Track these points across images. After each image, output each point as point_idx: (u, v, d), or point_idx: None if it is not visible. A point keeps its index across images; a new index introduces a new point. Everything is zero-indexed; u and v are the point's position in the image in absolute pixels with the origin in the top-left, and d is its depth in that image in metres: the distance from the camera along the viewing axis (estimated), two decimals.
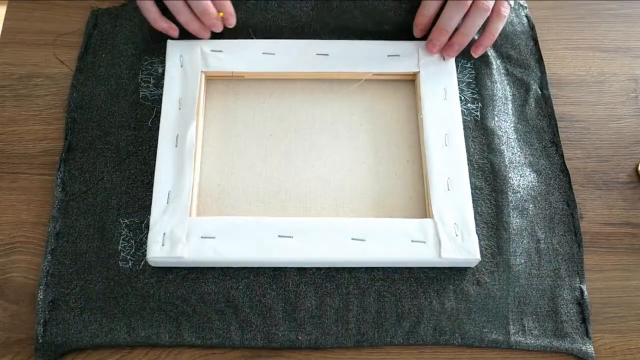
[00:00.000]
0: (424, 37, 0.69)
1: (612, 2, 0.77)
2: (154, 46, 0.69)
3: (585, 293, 0.60)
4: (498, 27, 0.67)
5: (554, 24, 0.75)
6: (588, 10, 0.76)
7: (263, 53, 0.67)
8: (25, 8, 0.72)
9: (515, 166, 0.65)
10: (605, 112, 0.70)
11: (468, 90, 0.68)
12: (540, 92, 0.70)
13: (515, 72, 0.70)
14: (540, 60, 0.71)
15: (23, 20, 0.72)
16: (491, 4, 0.66)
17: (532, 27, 0.73)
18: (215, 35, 0.69)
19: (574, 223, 0.63)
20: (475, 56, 0.69)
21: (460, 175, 0.62)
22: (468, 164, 0.64)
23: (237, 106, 0.67)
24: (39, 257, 0.60)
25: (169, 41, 0.67)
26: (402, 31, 0.70)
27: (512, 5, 0.67)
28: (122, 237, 0.61)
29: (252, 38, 0.69)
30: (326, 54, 0.67)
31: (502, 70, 0.70)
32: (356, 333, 0.58)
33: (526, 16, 0.74)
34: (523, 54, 0.71)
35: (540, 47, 0.72)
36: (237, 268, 0.60)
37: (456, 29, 0.67)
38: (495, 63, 0.70)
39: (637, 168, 0.67)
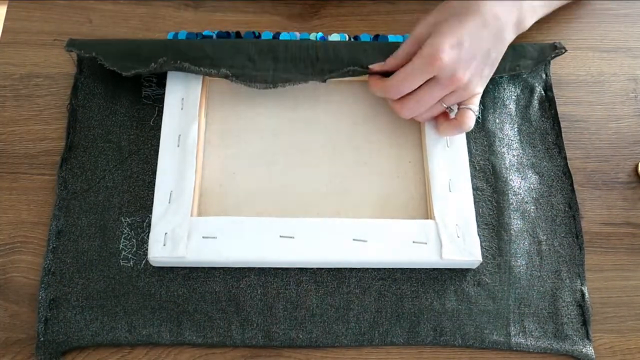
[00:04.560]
0: None
1: (612, 2, 0.77)
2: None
3: (586, 295, 0.60)
4: (451, 133, 0.63)
5: (554, 24, 0.75)
6: (587, 10, 0.76)
7: None
8: (25, 8, 0.72)
9: (517, 168, 0.65)
10: (605, 112, 0.70)
11: None
12: (544, 93, 0.70)
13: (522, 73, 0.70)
14: (547, 61, 0.71)
15: (23, 20, 0.72)
16: (453, 100, 0.61)
17: None
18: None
19: (576, 225, 0.63)
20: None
21: (462, 176, 0.62)
22: (469, 165, 0.64)
23: (238, 106, 0.67)
24: (40, 257, 0.60)
25: None
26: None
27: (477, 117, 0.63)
28: (123, 236, 0.61)
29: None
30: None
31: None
32: (356, 332, 0.58)
33: None
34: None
35: None
36: (239, 267, 0.60)
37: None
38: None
39: (637, 168, 0.67)
